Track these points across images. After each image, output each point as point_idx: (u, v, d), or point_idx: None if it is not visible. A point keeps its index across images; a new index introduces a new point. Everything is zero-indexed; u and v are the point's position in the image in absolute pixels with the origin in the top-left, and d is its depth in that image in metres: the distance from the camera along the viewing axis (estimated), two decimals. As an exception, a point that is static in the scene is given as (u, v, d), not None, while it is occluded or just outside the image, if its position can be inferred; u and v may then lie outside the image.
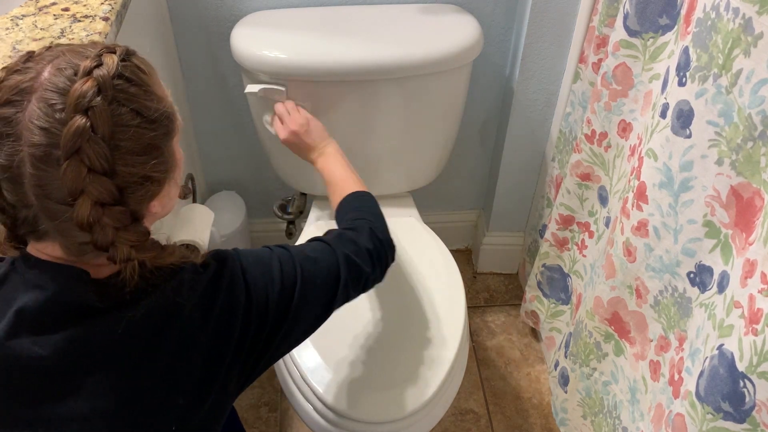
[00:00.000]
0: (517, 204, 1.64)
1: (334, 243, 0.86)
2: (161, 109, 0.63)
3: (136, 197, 0.62)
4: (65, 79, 0.58)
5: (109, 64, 0.60)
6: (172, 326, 0.67)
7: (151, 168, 0.63)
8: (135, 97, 0.61)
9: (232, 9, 1.30)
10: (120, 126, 0.59)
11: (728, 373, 0.74)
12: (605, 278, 1.08)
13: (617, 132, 1.13)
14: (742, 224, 0.80)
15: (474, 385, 1.55)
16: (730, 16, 0.74)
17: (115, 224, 0.61)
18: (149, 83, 0.64)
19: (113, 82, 0.59)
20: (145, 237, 0.64)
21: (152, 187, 0.64)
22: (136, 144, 0.61)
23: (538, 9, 1.26)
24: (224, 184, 1.63)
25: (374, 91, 1.21)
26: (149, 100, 0.62)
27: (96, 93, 0.58)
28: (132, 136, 0.60)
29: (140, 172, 0.62)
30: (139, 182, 0.62)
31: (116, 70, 0.60)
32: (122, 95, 0.60)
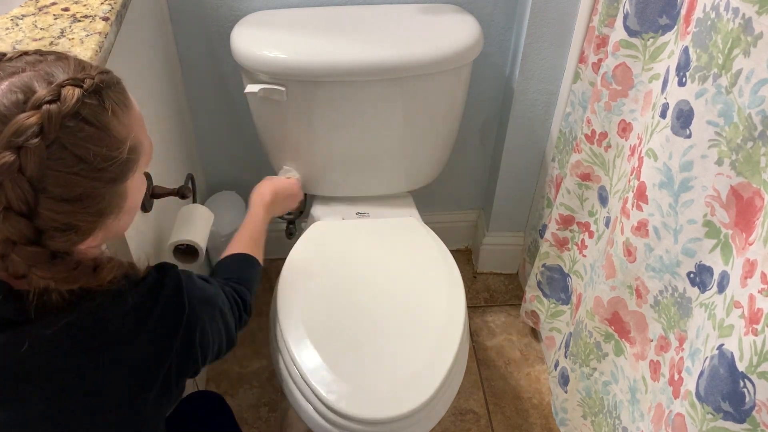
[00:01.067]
0: (517, 204, 1.64)
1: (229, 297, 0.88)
2: (113, 157, 0.58)
3: (57, 241, 0.58)
4: (11, 105, 0.53)
5: (67, 100, 0.55)
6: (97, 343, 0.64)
7: (78, 218, 0.58)
8: (84, 141, 0.56)
9: (232, 9, 1.30)
10: (54, 170, 0.54)
11: (728, 373, 0.74)
12: (605, 278, 1.08)
13: (617, 132, 1.13)
14: (742, 224, 0.80)
15: (474, 385, 1.55)
16: (730, 16, 0.74)
17: (28, 262, 0.57)
18: (110, 126, 0.58)
19: (62, 122, 0.54)
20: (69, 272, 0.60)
21: (75, 236, 0.59)
22: (68, 191, 0.56)
23: (538, 9, 1.26)
24: (224, 184, 1.63)
25: (374, 91, 1.21)
26: (102, 146, 0.57)
27: (36, 133, 0.53)
28: (65, 183, 0.55)
29: (64, 220, 0.57)
30: (62, 228, 0.57)
31: (72, 109, 0.55)
32: (69, 138, 0.55)
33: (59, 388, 0.63)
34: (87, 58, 0.79)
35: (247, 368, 1.57)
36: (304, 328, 1.11)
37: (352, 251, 1.28)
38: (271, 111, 1.26)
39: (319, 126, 1.27)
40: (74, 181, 0.56)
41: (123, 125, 0.60)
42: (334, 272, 1.22)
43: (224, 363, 1.58)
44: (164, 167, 1.23)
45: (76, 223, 0.58)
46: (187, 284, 0.72)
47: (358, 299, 1.17)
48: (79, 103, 0.55)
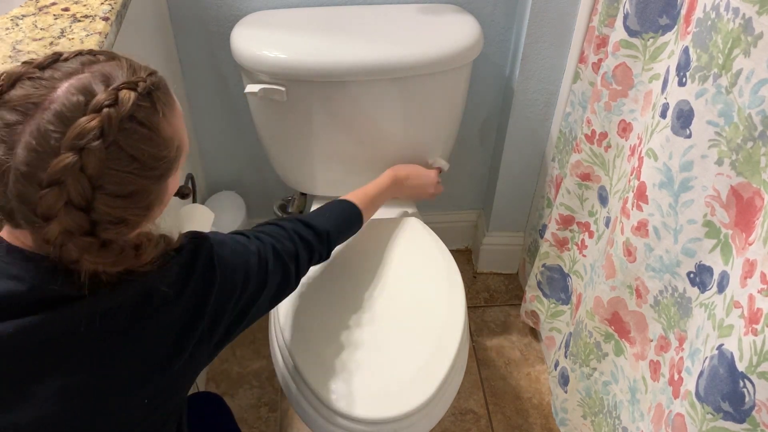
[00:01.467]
0: (517, 204, 1.65)
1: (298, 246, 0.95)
2: (163, 156, 0.62)
3: (109, 232, 0.62)
4: (72, 107, 0.57)
5: (124, 103, 0.59)
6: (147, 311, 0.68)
7: (129, 212, 0.62)
8: (138, 142, 0.60)
9: (232, 9, 1.30)
10: (111, 169, 0.59)
11: (728, 373, 0.74)
12: (605, 278, 1.08)
13: (617, 132, 1.13)
14: (742, 224, 0.80)
15: (474, 385, 1.55)
16: (730, 16, 0.74)
17: (81, 251, 0.60)
18: (160, 127, 0.62)
19: (120, 125, 0.58)
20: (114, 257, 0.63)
21: (125, 228, 0.63)
22: (122, 189, 0.60)
23: (538, 9, 1.26)
24: (224, 184, 1.63)
25: (374, 91, 1.21)
26: (153, 146, 0.61)
27: (97, 136, 0.57)
28: (120, 181, 0.60)
29: (117, 214, 0.61)
30: (114, 221, 0.61)
31: (129, 111, 0.59)
32: (125, 140, 0.59)
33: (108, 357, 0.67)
34: (87, 58, 0.79)
35: (247, 368, 1.57)
36: (304, 328, 1.11)
37: (351, 251, 1.28)
38: (271, 111, 1.26)
39: (319, 126, 1.27)
40: (128, 179, 0.60)
41: (171, 125, 0.64)
42: (333, 272, 1.22)
43: (224, 363, 1.58)
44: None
45: (127, 217, 0.62)
46: (219, 252, 0.77)
47: (357, 299, 1.17)
48: (134, 107, 0.59)
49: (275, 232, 0.93)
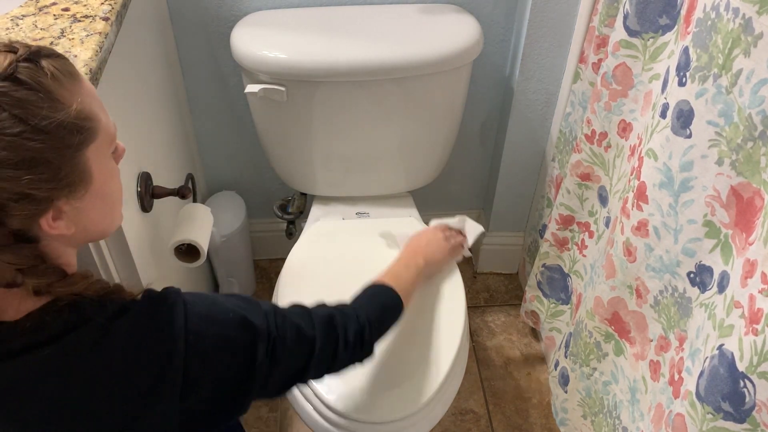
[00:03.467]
0: (517, 204, 1.65)
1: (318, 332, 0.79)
2: (57, 118, 0.56)
3: (15, 215, 0.56)
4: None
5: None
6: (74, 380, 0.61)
7: (30, 184, 0.55)
8: (22, 101, 0.54)
9: (232, 9, 1.30)
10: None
11: (728, 373, 0.74)
12: (605, 278, 1.08)
13: (617, 132, 1.13)
14: (742, 224, 0.80)
15: (474, 385, 1.55)
16: (730, 16, 0.74)
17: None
18: (50, 89, 0.56)
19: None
20: (35, 261, 0.58)
21: (32, 206, 0.56)
22: (14, 155, 0.54)
23: (538, 9, 1.26)
24: (224, 184, 1.63)
25: (374, 92, 1.21)
26: (42, 107, 0.55)
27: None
28: (8, 146, 0.54)
29: (15, 188, 0.55)
30: (14, 199, 0.55)
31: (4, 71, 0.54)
32: (5, 98, 0.54)
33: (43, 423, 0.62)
34: (87, 59, 0.79)
35: (247, 368, 1.57)
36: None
37: (351, 251, 1.28)
38: (271, 111, 1.26)
39: (319, 126, 1.27)
40: (19, 143, 0.54)
41: (66, 90, 0.58)
42: (333, 272, 1.22)
43: (224, 363, 1.58)
44: (164, 167, 1.23)
45: (28, 191, 0.55)
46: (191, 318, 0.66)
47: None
48: (12, 66, 0.55)
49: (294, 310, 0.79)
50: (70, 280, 0.61)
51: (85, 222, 0.62)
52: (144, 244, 1.05)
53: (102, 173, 0.62)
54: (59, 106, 0.57)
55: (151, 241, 1.10)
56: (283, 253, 1.28)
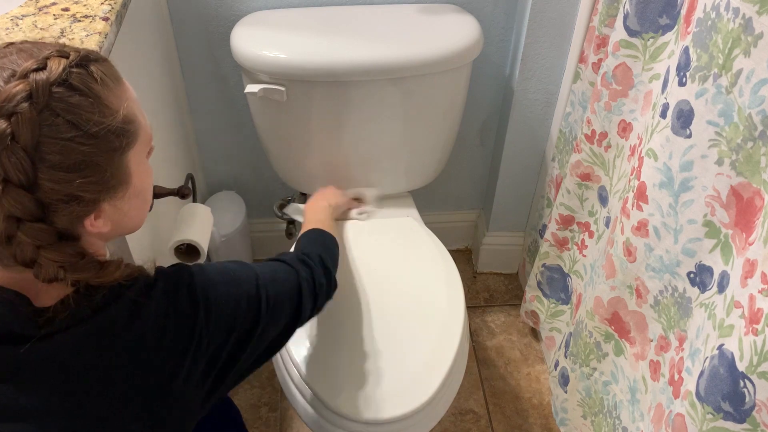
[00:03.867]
0: (517, 204, 1.64)
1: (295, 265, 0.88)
2: (107, 123, 0.58)
3: (62, 215, 0.58)
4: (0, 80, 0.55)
5: (53, 69, 0.56)
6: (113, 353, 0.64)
7: (80, 187, 0.57)
8: (75, 107, 0.56)
9: (232, 9, 1.30)
10: (49, 137, 0.55)
11: (728, 373, 0.74)
12: (605, 278, 1.08)
13: (617, 132, 1.13)
14: (742, 224, 0.80)
15: (474, 385, 1.55)
16: (730, 16, 0.74)
17: (35, 242, 0.57)
18: (100, 94, 0.58)
19: (51, 89, 0.55)
20: (77, 257, 0.60)
21: (79, 207, 0.59)
22: (66, 159, 0.56)
23: (538, 9, 1.26)
24: (224, 184, 1.63)
25: (374, 91, 1.21)
26: (93, 113, 0.57)
27: (25, 98, 0.54)
28: (61, 150, 0.55)
29: (65, 190, 0.57)
30: (64, 200, 0.57)
31: (59, 77, 0.56)
32: (59, 104, 0.55)
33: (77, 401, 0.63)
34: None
35: (247, 368, 1.57)
36: (303, 329, 1.11)
37: (351, 251, 1.28)
38: (271, 111, 1.26)
39: (319, 126, 1.27)
40: (70, 147, 0.56)
41: (114, 95, 0.60)
42: (334, 272, 1.22)
43: (224, 363, 1.58)
44: (164, 167, 1.23)
45: (78, 193, 0.57)
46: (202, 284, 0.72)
47: (357, 299, 1.17)
48: (65, 71, 0.56)
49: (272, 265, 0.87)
50: (105, 271, 0.63)
51: (121, 219, 0.65)
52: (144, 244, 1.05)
53: (140, 173, 0.65)
54: (108, 111, 0.59)
55: (151, 241, 1.10)
56: (283, 253, 1.28)
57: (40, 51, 0.58)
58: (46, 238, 0.57)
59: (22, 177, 0.54)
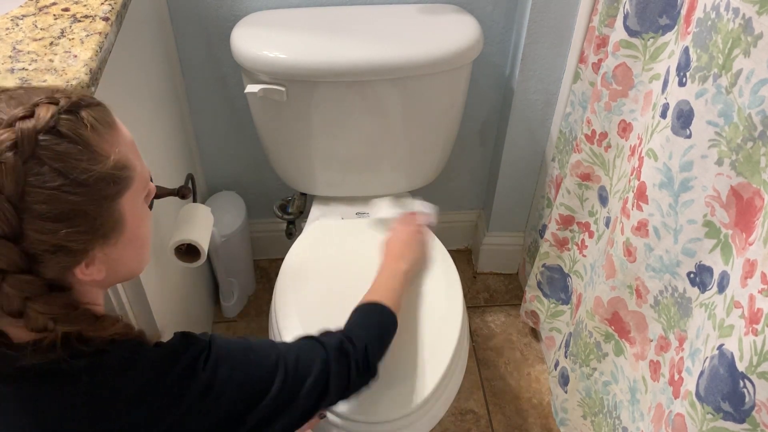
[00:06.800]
0: (517, 204, 1.64)
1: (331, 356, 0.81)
2: (96, 170, 0.56)
3: (50, 266, 0.56)
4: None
5: (41, 117, 0.54)
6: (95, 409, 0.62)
7: (67, 237, 0.55)
8: (62, 155, 0.54)
9: (232, 9, 1.30)
10: (35, 187, 0.53)
11: (728, 373, 0.74)
12: (605, 278, 1.08)
13: (617, 132, 1.13)
14: (742, 224, 0.80)
15: (474, 385, 1.55)
16: (730, 16, 0.74)
17: (22, 294, 0.55)
18: (90, 140, 0.56)
19: (38, 138, 0.53)
20: (69, 309, 0.58)
21: (67, 258, 0.57)
22: (53, 208, 0.54)
23: (538, 9, 1.26)
24: (224, 184, 1.63)
25: (374, 91, 1.21)
26: (82, 160, 0.55)
27: (9, 147, 0.52)
28: (48, 200, 0.54)
29: (52, 241, 0.55)
30: (51, 251, 0.55)
31: (46, 125, 0.54)
32: (46, 152, 0.54)
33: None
34: (87, 59, 0.79)
35: (247, 368, 1.57)
36: (303, 329, 1.11)
37: (351, 251, 1.28)
38: (271, 111, 1.26)
39: (319, 126, 1.27)
40: (57, 197, 0.54)
41: (105, 141, 0.58)
42: (333, 272, 1.22)
43: (224, 363, 1.58)
44: (164, 167, 1.23)
45: (65, 243, 0.56)
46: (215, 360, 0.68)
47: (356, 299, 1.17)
48: (54, 118, 0.55)
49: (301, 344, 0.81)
50: (99, 325, 0.61)
51: (116, 266, 0.62)
52: (144, 244, 1.05)
53: (134, 218, 0.62)
54: (98, 158, 0.57)
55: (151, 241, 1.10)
56: (283, 253, 1.28)
57: (30, 98, 0.56)
58: (33, 290, 0.55)
59: (6, 228, 0.52)
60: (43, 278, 0.56)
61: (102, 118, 0.59)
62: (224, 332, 1.64)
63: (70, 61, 0.78)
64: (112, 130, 0.60)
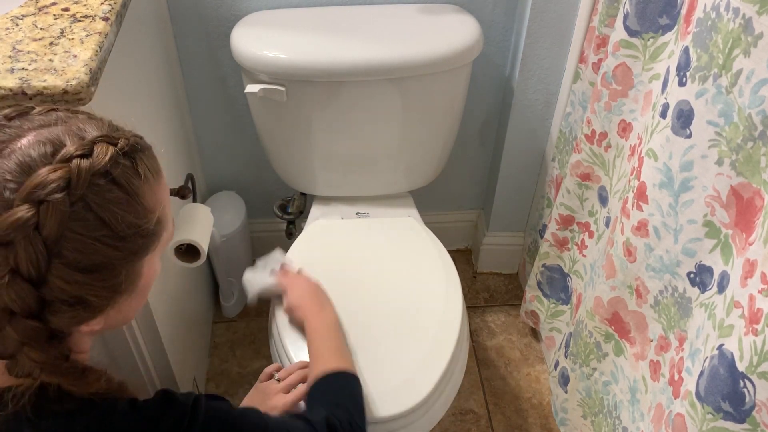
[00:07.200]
0: (517, 204, 1.64)
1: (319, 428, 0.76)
2: (141, 226, 0.53)
3: (62, 317, 0.52)
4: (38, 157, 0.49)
5: (99, 157, 0.50)
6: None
7: (91, 291, 0.52)
8: (112, 204, 0.51)
9: (232, 9, 1.30)
10: (74, 233, 0.49)
11: (728, 373, 0.74)
12: (605, 278, 1.08)
13: (617, 132, 1.13)
14: (742, 224, 0.80)
15: (474, 385, 1.55)
16: (730, 16, 0.74)
17: (22, 338, 0.51)
18: (140, 192, 0.53)
19: (91, 180, 0.50)
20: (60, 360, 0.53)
21: (83, 313, 0.53)
22: (86, 259, 0.50)
23: (538, 9, 1.26)
24: (224, 184, 1.63)
25: (374, 91, 1.21)
26: (129, 212, 0.52)
27: (60, 188, 0.48)
28: (84, 249, 0.50)
29: (74, 292, 0.51)
30: (69, 302, 0.51)
31: (103, 167, 0.50)
32: (96, 198, 0.50)
33: None
34: (87, 59, 0.79)
35: (247, 368, 1.57)
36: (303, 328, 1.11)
37: (351, 251, 1.28)
38: (271, 111, 1.26)
39: (319, 126, 1.27)
40: (94, 248, 0.50)
41: (153, 194, 0.55)
42: (332, 272, 1.22)
43: (224, 363, 1.58)
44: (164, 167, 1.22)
45: (87, 297, 0.52)
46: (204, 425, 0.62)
47: (356, 299, 1.17)
48: (111, 162, 0.51)
49: None
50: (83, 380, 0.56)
51: (117, 318, 0.59)
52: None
53: (150, 273, 0.59)
54: (144, 213, 0.54)
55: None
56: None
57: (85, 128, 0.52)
58: (35, 337, 0.51)
59: (33, 271, 0.48)
60: (49, 327, 0.52)
61: (153, 167, 0.56)
62: (224, 332, 1.65)
63: (70, 60, 0.78)
64: (159, 179, 0.57)
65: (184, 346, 1.32)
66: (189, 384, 1.35)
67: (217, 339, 1.63)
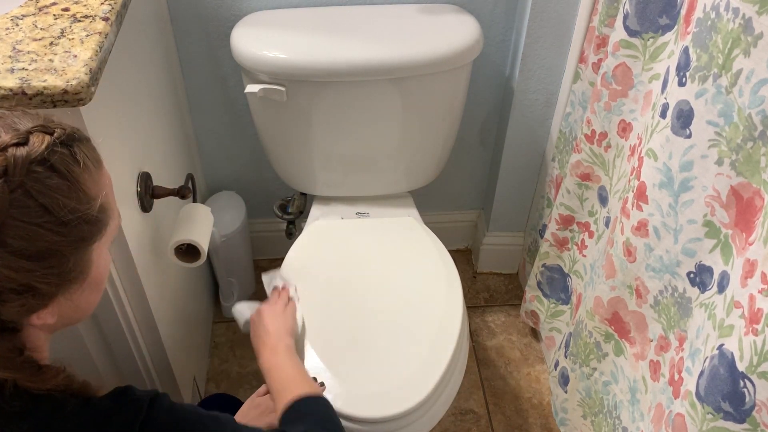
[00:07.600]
0: (517, 204, 1.65)
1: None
2: (83, 211, 0.53)
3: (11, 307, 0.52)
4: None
5: (35, 145, 0.51)
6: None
7: (38, 278, 0.52)
8: (52, 190, 0.51)
9: (232, 9, 1.30)
10: (16, 219, 0.49)
11: (728, 373, 0.74)
12: (605, 278, 1.08)
13: (617, 132, 1.13)
14: (742, 224, 0.80)
15: (474, 385, 1.55)
16: (730, 16, 0.74)
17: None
18: (80, 179, 0.54)
19: (29, 167, 0.50)
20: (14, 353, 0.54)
21: (32, 300, 0.53)
22: (30, 245, 0.50)
23: (538, 9, 1.26)
24: (224, 184, 1.63)
25: (374, 91, 1.21)
26: (71, 198, 0.53)
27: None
28: (27, 235, 0.50)
29: (22, 280, 0.51)
30: (17, 290, 0.51)
31: (40, 155, 0.51)
32: (35, 185, 0.50)
33: None
34: (87, 59, 0.79)
35: (247, 368, 1.57)
36: (302, 328, 1.11)
37: (351, 251, 1.28)
38: (271, 111, 1.26)
39: (319, 126, 1.27)
40: (37, 234, 0.51)
41: (94, 182, 0.56)
42: (332, 272, 1.22)
43: (224, 363, 1.58)
44: (164, 167, 1.23)
45: (35, 284, 0.52)
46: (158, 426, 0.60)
47: (356, 299, 1.17)
48: (48, 150, 0.52)
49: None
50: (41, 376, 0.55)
51: (70, 311, 0.59)
52: (144, 244, 1.05)
53: (99, 264, 0.59)
54: (86, 198, 0.54)
55: (151, 241, 1.10)
56: (283, 253, 1.28)
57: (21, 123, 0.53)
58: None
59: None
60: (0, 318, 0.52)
61: (93, 156, 0.57)
62: (224, 332, 1.65)
63: (70, 60, 0.78)
64: (99, 169, 0.58)
65: (184, 346, 1.32)
66: (189, 384, 1.35)
67: (217, 339, 1.64)
